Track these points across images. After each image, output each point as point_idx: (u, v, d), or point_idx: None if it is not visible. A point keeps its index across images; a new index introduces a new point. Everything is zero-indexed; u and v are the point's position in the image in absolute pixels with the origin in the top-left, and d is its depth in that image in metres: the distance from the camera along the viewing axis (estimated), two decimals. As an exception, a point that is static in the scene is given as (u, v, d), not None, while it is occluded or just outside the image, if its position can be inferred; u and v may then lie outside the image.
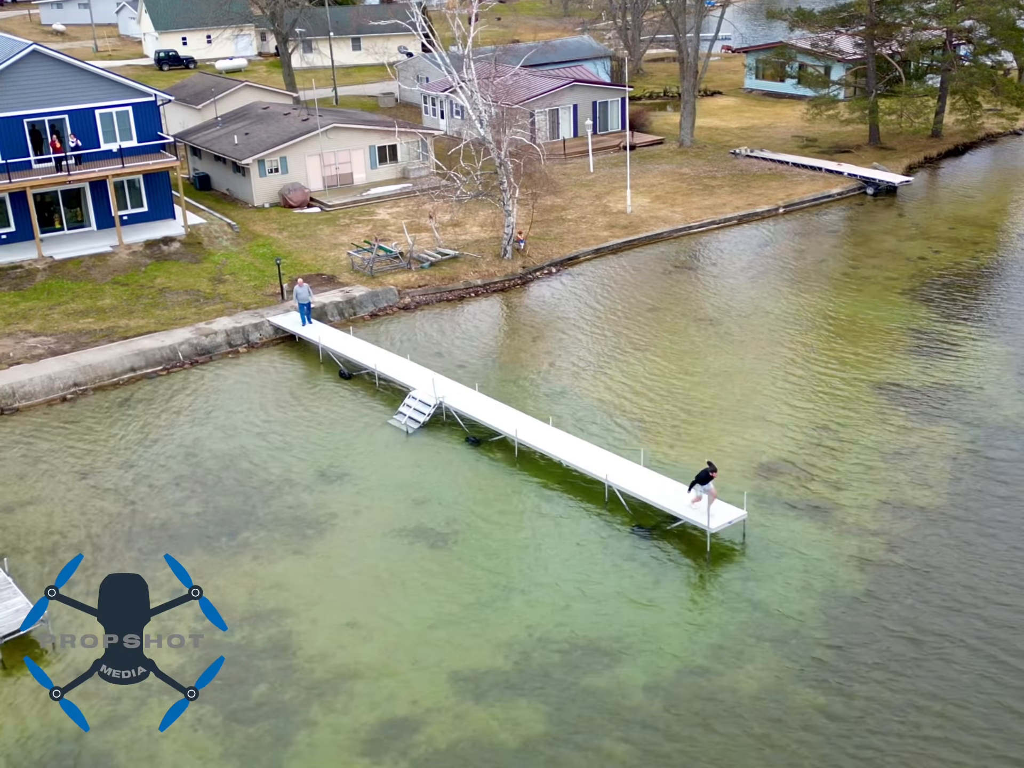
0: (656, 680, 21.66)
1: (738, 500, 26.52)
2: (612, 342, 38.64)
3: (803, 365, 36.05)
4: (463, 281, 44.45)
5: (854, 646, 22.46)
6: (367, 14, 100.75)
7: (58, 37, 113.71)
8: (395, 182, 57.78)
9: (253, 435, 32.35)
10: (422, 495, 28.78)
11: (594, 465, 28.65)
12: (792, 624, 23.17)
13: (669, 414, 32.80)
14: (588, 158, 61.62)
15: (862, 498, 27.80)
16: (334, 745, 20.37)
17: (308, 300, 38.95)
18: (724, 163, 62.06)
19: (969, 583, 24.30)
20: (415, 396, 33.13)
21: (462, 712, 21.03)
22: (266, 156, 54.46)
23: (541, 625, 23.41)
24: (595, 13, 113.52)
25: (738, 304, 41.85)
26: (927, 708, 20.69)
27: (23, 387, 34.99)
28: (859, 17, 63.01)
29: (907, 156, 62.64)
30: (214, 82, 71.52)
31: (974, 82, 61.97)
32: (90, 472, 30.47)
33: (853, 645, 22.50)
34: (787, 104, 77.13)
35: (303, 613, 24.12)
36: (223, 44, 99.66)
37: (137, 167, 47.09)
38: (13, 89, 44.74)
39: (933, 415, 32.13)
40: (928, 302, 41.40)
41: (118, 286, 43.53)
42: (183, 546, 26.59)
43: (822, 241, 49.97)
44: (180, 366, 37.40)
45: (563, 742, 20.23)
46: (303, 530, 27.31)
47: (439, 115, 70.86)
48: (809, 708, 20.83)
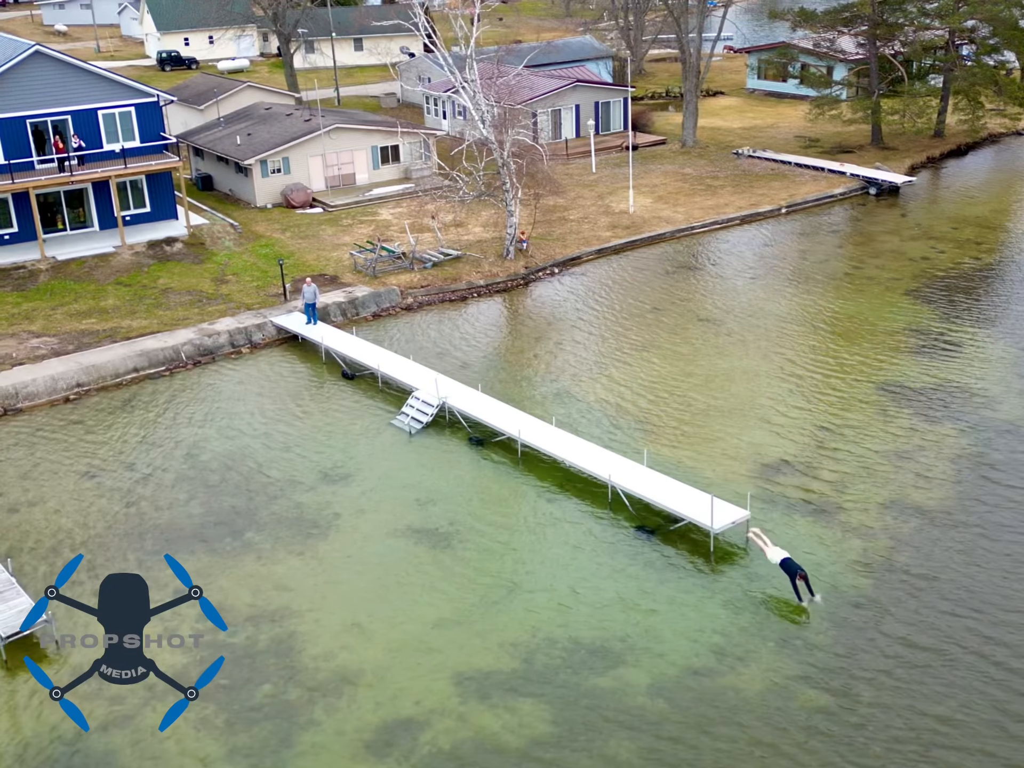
0: (659, 681, 21.65)
1: (742, 500, 26.52)
2: (614, 342, 38.63)
3: (805, 366, 36.03)
4: (465, 281, 44.45)
5: (856, 649, 22.44)
6: (369, 14, 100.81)
7: (60, 38, 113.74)
8: (397, 182, 57.80)
9: (256, 436, 32.36)
10: (425, 496, 28.78)
11: (597, 466, 28.64)
12: (795, 626, 23.15)
13: (672, 414, 32.78)
14: (590, 158, 61.60)
15: (865, 499, 27.78)
16: (338, 746, 20.36)
17: (314, 300, 39.01)
18: (726, 163, 62.05)
19: (972, 586, 24.27)
20: (418, 396, 33.13)
21: (466, 713, 21.02)
22: (268, 156, 54.48)
23: (544, 626, 23.40)
24: (597, 13, 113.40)
25: (740, 304, 41.84)
26: (929, 712, 20.64)
27: (26, 388, 35.02)
28: (861, 17, 62.92)
29: (910, 156, 62.62)
30: (216, 83, 71.54)
31: (977, 82, 61.90)
32: (93, 472, 30.48)
33: (855, 648, 22.47)
34: (789, 104, 77.08)
35: (306, 614, 24.12)
36: (225, 45, 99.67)
37: (140, 167, 47.11)
38: (16, 90, 44.75)
39: (936, 416, 32.11)
40: (931, 302, 41.37)
41: (121, 287, 43.55)
42: (186, 546, 26.60)
43: (824, 241, 49.94)
44: (183, 366, 37.41)
45: (566, 743, 20.22)
46: (306, 531, 27.32)
47: (441, 115, 70.87)
48: (812, 710, 20.81)
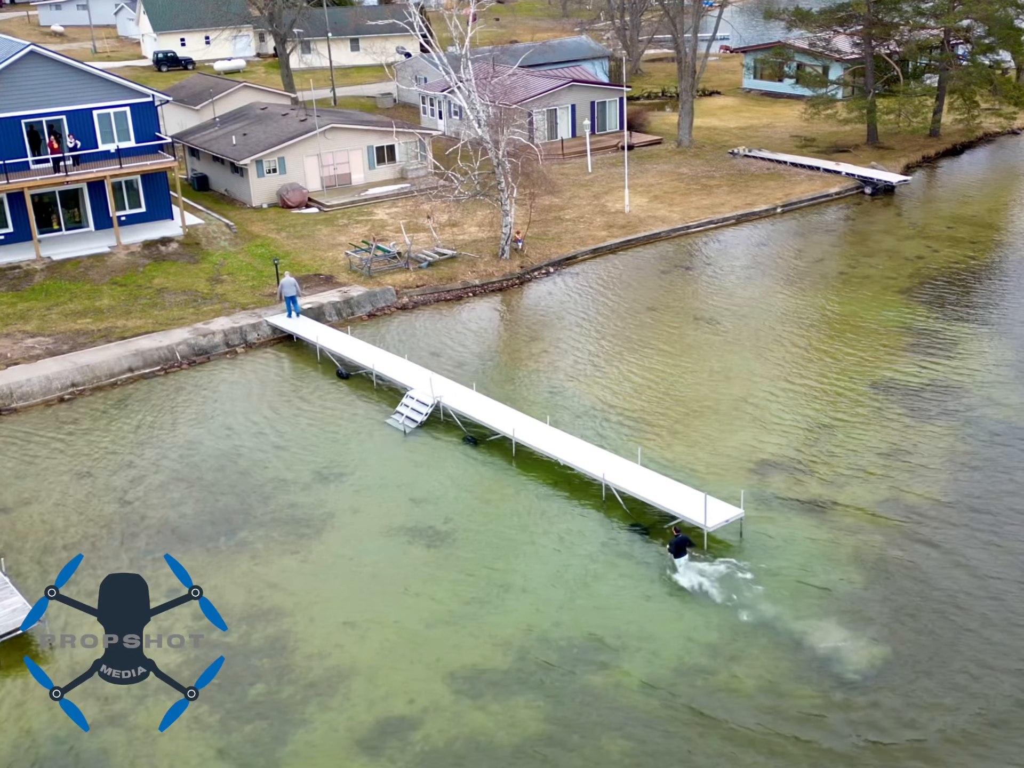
0: (653, 679, 21.66)
1: (735, 499, 26.54)
2: (610, 341, 38.65)
3: (801, 364, 36.07)
4: (461, 281, 44.46)
5: (852, 645, 22.45)
6: (365, 15, 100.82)
7: (57, 38, 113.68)
8: (393, 182, 57.81)
9: (251, 435, 32.36)
10: (420, 494, 28.79)
11: (591, 464, 28.66)
12: (788, 625, 23.16)
13: (667, 413, 32.80)
14: (586, 158, 61.62)
15: (860, 497, 27.80)
16: (331, 744, 20.36)
17: (294, 293, 39.18)
18: (722, 163, 62.09)
19: (968, 583, 24.29)
20: (413, 396, 33.14)
21: (459, 711, 21.02)
22: (264, 156, 54.48)
23: (538, 624, 23.41)
24: (593, 13, 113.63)
25: (736, 303, 41.86)
26: (925, 710, 20.67)
27: (21, 387, 35.00)
28: (857, 17, 63.02)
29: (905, 155, 62.69)
30: (212, 83, 71.52)
31: (972, 81, 61.99)
32: (88, 472, 30.47)
33: (851, 644, 22.48)
34: (785, 104, 77.16)
35: (301, 612, 24.12)
36: (221, 45, 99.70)
37: (135, 168, 47.09)
38: (11, 90, 44.71)
39: (931, 413, 32.15)
40: (925, 301, 41.42)
41: (116, 286, 43.54)
42: (181, 546, 26.59)
43: (820, 240, 49.99)
44: (178, 366, 37.40)
45: (559, 741, 20.23)
46: (301, 530, 27.32)
47: (437, 115, 70.89)
48: (806, 708, 20.81)
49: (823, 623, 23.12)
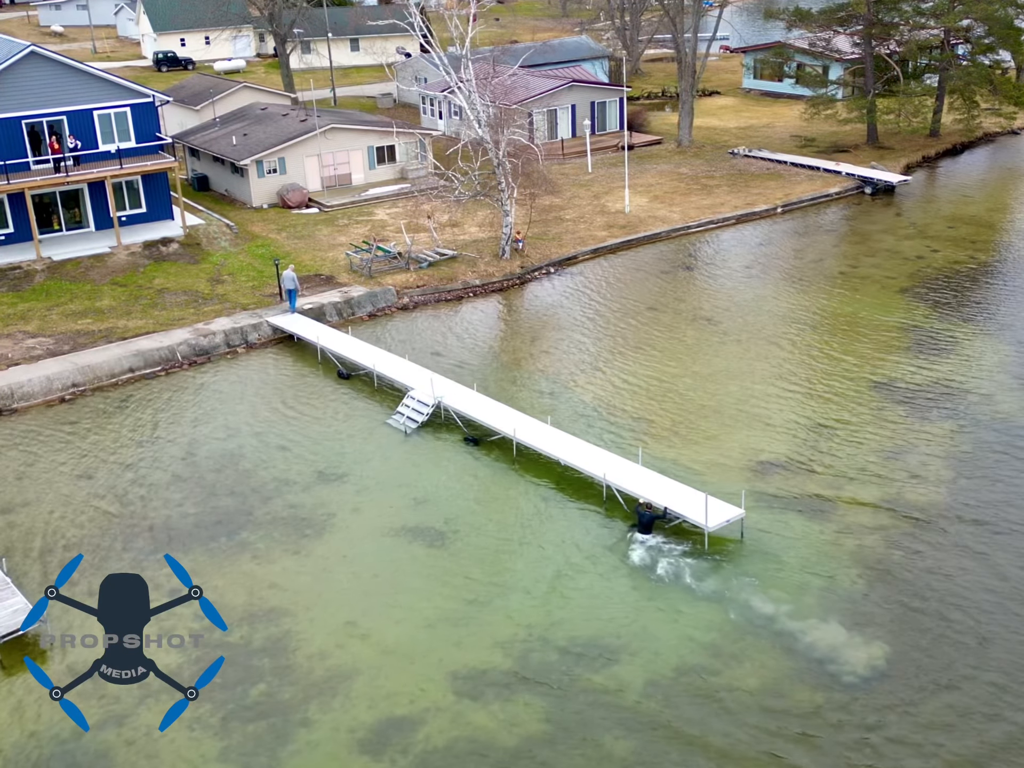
0: (654, 678, 21.67)
1: (736, 499, 26.54)
2: (610, 341, 38.67)
3: (801, 364, 36.08)
4: (461, 281, 44.46)
5: (852, 645, 22.46)
6: (365, 15, 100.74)
7: (56, 38, 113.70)
8: (393, 182, 57.81)
9: (251, 435, 32.37)
10: (420, 495, 28.79)
11: (592, 464, 28.66)
12: (789, 625, 23.16)
13: (667, 413, 32.81)
14: (586, 158, 61.62)
15: (860, 497, 27.81)
16: (332, 744, 20.38)
17: (293, 286, 39.26)
18: (722, 163, 62.10)
19: (968, 582, 24.30)
20: (413, 396, 33.14)
21: (460, 711, 21.03)
22: (264, 157, 54.48)
23: (539, 624, 23.42)
24: (593, 13, 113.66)
25: (736, 303, 41.87)
26: (925, 708, 20.69)
27: (21, 388, 35.00)
28: (857, 17, 63.03)
29: (905, 155, 62.69)
30: (212, 83, 71.51)
31: (972, 81, 61.98)
32: (89, 473, 30.47)
33: (851, 644, 22.50)
34: (785, 104, 77.17)
35: (302, 613, 24.13)
36: (221, 45, 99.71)
37: (135, 168, 47.08)
38: (11, 90, 44.71)
39: (931, 413, 32.15)
40: (926, 301, 41.43)
41: (116, 287, 43.54)
42: (182, 546, 26.60)
43: (820, 240, 49.99)
44: (178, 367, 37.41)
45: (561, 741, 20.23)
46: (302, 530, 27.33)
47: (437, 115, 70.89)
48: (807, 707, 20.83)
49: (823, 623, 23.11)
